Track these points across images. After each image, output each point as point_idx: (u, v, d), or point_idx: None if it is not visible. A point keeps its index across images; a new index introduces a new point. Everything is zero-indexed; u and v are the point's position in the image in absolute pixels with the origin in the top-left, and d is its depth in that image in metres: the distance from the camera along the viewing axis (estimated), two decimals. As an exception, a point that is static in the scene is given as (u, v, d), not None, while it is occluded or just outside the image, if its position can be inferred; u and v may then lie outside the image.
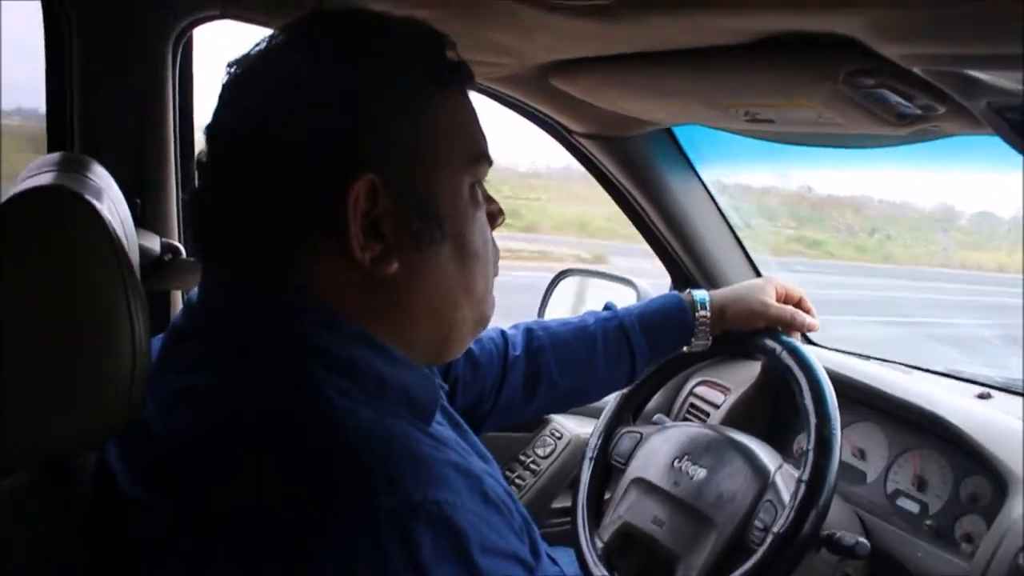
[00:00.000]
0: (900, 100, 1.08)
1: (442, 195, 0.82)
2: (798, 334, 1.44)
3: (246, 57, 0.82)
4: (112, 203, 1.01)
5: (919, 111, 1.11)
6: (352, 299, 0.80)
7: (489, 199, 0.91)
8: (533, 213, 11.10)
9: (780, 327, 1.42)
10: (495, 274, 0.93)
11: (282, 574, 0.66)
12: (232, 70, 0.82)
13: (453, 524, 0.68)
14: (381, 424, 0.75)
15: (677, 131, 1.84)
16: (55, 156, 1.11)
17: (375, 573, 0.65)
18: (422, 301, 0.84)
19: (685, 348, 1.43)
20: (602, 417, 1.59)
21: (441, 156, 0.82)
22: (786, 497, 1.24)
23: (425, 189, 0.81)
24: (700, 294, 1.41)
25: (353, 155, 0.77)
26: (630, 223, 2.01)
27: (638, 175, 1.87)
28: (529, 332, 1.36)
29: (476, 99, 0.90)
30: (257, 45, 0.83)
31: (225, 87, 0.82)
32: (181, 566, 0.70)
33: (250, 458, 0.71)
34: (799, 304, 1.45)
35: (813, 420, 1.25)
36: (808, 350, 1.35)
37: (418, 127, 0.80)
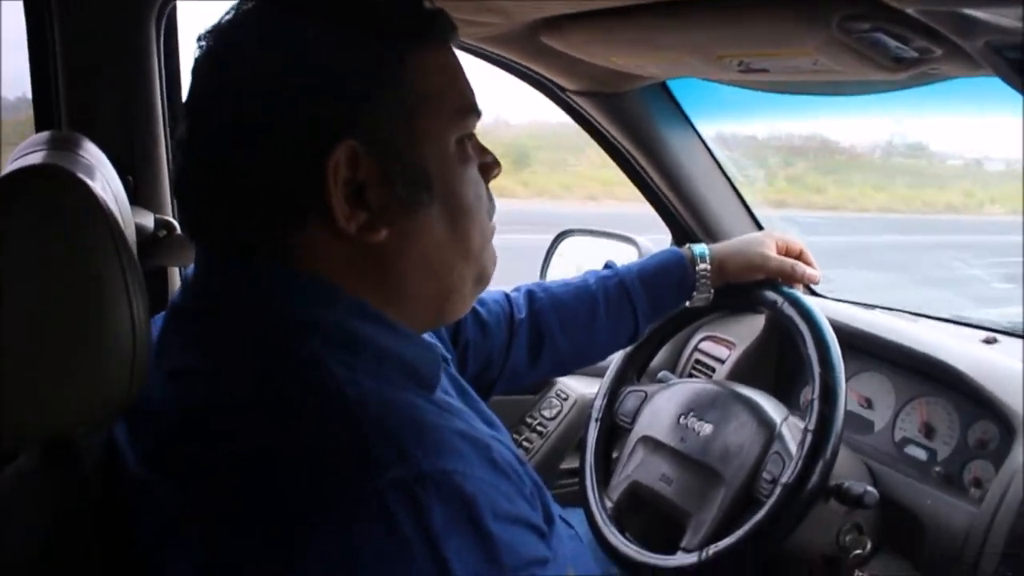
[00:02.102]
0: (896, 43, 1.07)
1: (428, 155, 0.80)
2: (800, 286, 1.44)
3: (216, 29, 0.80)
4: (105, 180, 1.01)
5: (916, 54, 1.09)
6: (345, 271, 0.79)
7: (482, 150, 0.89)
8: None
9: (781, 279, 1.41)
10: (492, 230, 0.91)
11: (288, 550, 0.65)
12: (202, 44, 0.80)
13: (463, 492, 0.68)
14: (384, 395, 0.74)
15: (672, 85, 1.82)
16: (44, 135, 1.10)
17: (386, 543, 0.64)
18: (417, 266, 0.82)
19: (687, 303, 1.42)
20: (606, 377, 1.59)
21: (423, 114, 0.80)
22: (793, 448, 1.25)
23: (409, 151, 0.79)
24: (699, 248, 1.41)
25: (329, 123, 0.75)
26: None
27: (634, 131, 1.86)
28: (531, 294, 1.36)
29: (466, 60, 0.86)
30: (225, 15, 0.80)
31: (197, 62, 0.80)
32: (187, 545, 0.70)
33: (254, 435, 0.71)
34: (799, 256, 1.45)
35: (817, 369, 1.25)
36: (810, 300, 1.35)
37: (396, 87, 0.78)
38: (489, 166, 0.90)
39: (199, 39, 0.80)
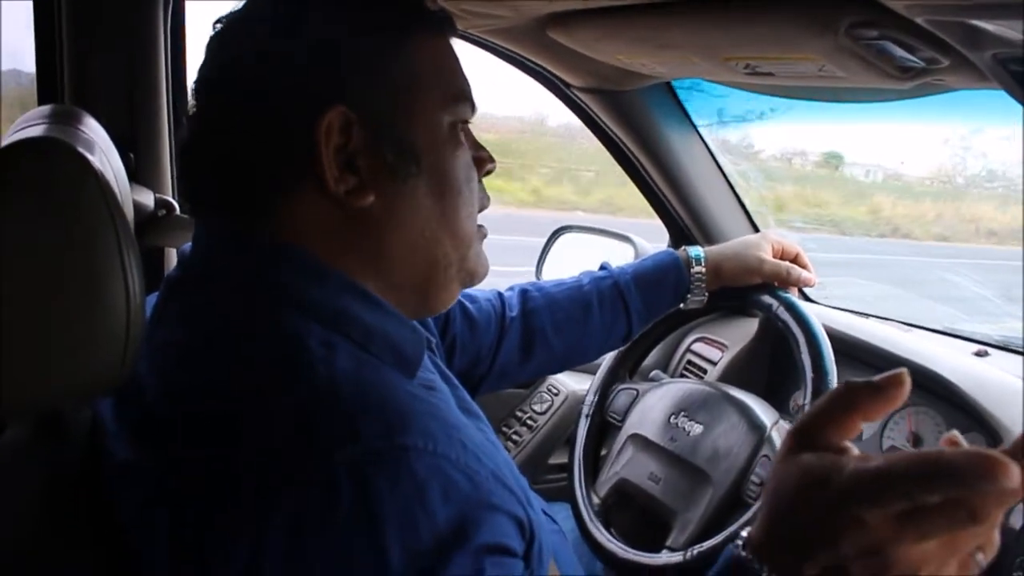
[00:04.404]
0: (903, 53, 1.06)
1: (418, 131, 0.83)
2: (795, 290, 1.44)
3: (231, 12, 0.83)
4: (104, 156, 1.00)
5: (922, 64, 1.09)
6: (333, 240, 0.81)
7: (478, 146, 0.92)
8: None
9: (776, 282, 1.42)
10: (484, 233, 0.93)
11: (251, 524, 0.66)
12: (218, 25, 0.84)
13: (415, 472, 0.67)
14: (358, 375, 0.75)
15: (677, 85, 1.82)
16: (46, 108, 1.10)
17: (333, 522, 0.64)
18: (402, 237, 0.84)
19: (681, 305, 1.43)
20: (598, 374, 1.59)
21: (416, 93, 0.83)
22: None
23: (400, 123, 0.82)
24: (695, 250, 1.42)
25: (322, 88, 0.78)
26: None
27: (636, 130, 1.86)
28: (524, 293, 1.37)
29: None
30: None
31: (210, 41, 0.84)
32: (160, 520, 0.70)
33: (225, 412, 0.71)
34: (796, 260, 1.45)
35: (809, 374, 1.25)
36: (805, 306, 1.35)
37: (391, 64, 0.81)
38: (483, 160, 0.93)
39: (215, 22, 0.84)
